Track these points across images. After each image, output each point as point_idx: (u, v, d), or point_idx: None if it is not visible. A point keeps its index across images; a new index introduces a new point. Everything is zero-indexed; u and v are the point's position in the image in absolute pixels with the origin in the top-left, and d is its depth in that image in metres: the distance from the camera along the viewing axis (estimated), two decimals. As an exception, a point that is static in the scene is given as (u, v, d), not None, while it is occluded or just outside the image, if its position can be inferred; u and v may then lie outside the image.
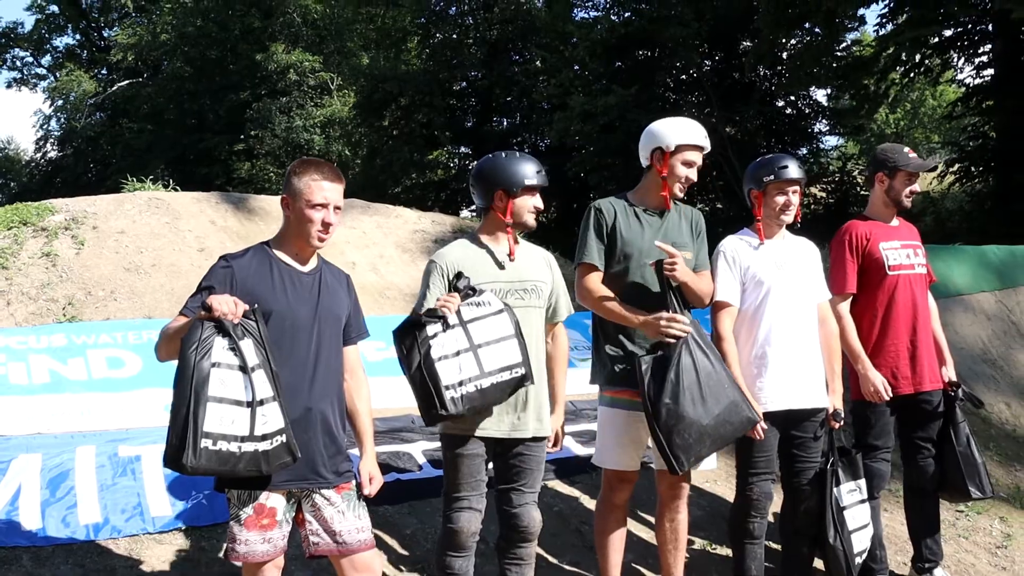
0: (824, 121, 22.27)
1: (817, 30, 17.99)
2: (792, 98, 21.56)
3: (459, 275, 3.70)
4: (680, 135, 4.05)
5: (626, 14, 21.29)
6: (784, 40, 18.59)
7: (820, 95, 29.95)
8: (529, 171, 3.80)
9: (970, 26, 17.19)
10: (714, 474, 5.35)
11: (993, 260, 8.93)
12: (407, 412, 5.27)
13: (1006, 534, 5.60)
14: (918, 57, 17.13)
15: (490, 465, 3.81)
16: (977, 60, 18.41)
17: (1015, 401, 7.47)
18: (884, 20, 17.17)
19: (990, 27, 16.88)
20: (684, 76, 21.68)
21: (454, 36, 26.23)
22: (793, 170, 4.26)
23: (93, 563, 4.00)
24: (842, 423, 4.31)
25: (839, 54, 19.23)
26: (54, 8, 38.77)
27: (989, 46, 17.70)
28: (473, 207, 21.82)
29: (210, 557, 4.18)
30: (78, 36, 41.24)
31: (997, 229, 14.77)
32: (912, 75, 18.21)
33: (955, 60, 18.65)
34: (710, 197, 22.08)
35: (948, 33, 16.98)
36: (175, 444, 2.76)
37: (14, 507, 4.20)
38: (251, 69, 30.71)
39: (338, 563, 3.30)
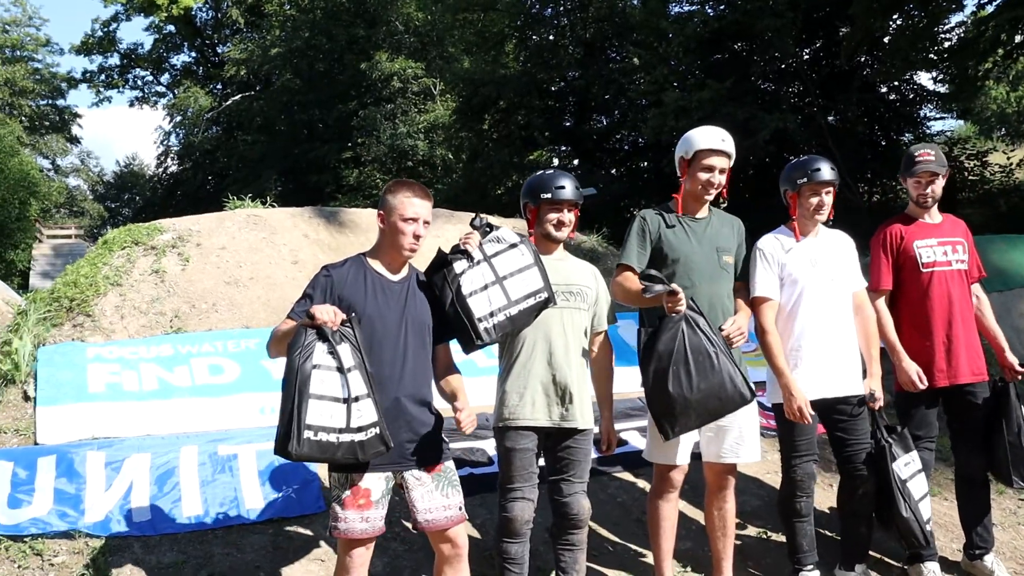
0: (929, 106, 21.78)
1: (915, 13, 17.61)
2: (895, 84, 21.14)
3: (476, 215, 4.07)
4: (697, 142, 4.33)
5: (720, 7, 21.22)
6: (881, 25, 18.24)
7: (925, 79, 29.07)
8: (548, 186, 4.13)
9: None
10: (771, 466, 5.55)
11: (1066, 248, 8.82)
12: (480, 411, 5.61)
13: (1067, 522, 5.64)
14: (1018, 38, 16.61)
15: (541, 461, 4.15)
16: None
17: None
18: (982, 2, 16.73)
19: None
20: (781, 67, 21.46)
21: (550, 37, 26.44)
22: (826, 172, 4.50)
23: (194, 550, 4.47)
24: (881, 403, 4.48)
25: (944, 36, 18.82)
26: (171, 28, 40.55)
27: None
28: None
29: (297, 545, 4.60)
30: (194, 54, 43.21)
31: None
32: (1014, 56, 17.66)
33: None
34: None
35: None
36: (282, 435, 3.27)
37: (127, 501, 4.72)
38: (357, 78, 31.65)
39: (431, 536, 3.73)
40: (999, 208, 19.52)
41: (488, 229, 3.98)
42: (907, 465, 4.50)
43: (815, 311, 4.45)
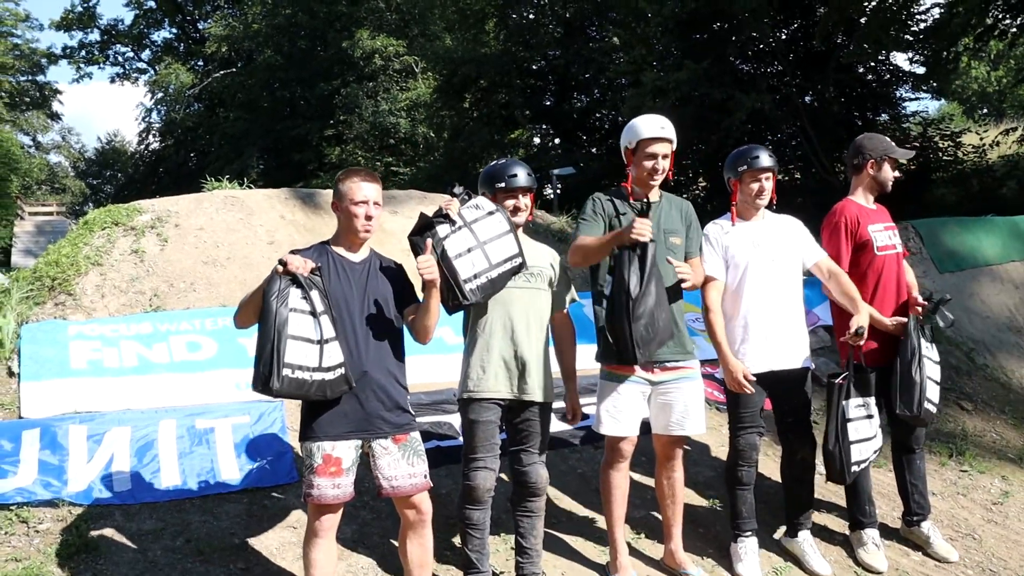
0: (905, 87, 21.99)
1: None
2: (871, 64, 21.34)
3: (454, 184, 4.35)
4: (640, 130, 4.55)
5: (698, -13, 21.37)
6: (856, 6, 18.43)
7: (901, 59, 29.17)
8: (502, 175, 4.41)
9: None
10: (725, 438, 5.81)
11: (1025, 230, 9.12)
12: (449, 386, 5.88)
13: (1004, 491, 5.97)
14: (989, 20, 16.85)
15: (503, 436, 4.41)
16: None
17: (1035, 366, 7.74)
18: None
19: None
20: (758, 47, 21.62)
21: (530, 16, 26.66)
22: (764, 159, 4.78)
23: (172, 518, 4.70)
24: (863, 341, 4.72)
25: (919, 17, 19.03)
26: (151, 3, 40.40)
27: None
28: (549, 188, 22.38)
29: (272, 512, 4.84)
30: (175, 30, 43.01)
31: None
32: (985, 39, 17.91)
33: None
34: (789, 168, 22.13)
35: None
36: (264, 372, 3.55)
37: (108, 471, 4.93)
38: (339, 56, 31.74)
39: (396, 502, 4.00)
40: (972, 188, 19.84)
41: (467, 197, 4.25)
42: (857, 407, 4.73)
43: (759, 290, 4.72)
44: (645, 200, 4.36)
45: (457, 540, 4.57)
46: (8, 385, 5.62)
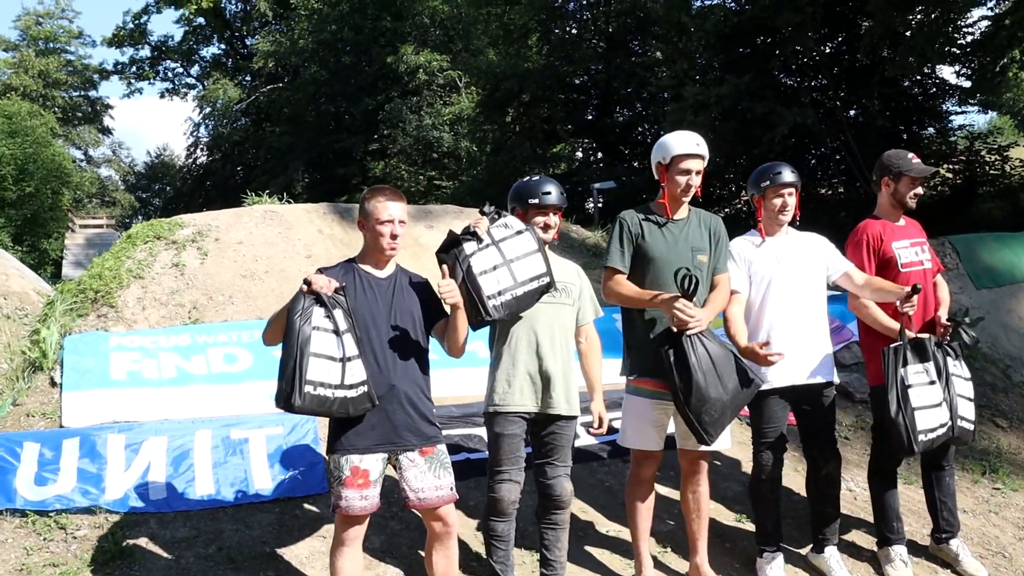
0: (952, 100, 21.75)
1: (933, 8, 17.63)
2: (917, 77, 21.14)
3: (486, 202, 4.40)
4: (673, 147, 4.56)
5: (741, 2, 21.31)
6: (900, 20, 18.28)
7: (947, 72, 28.73)
8: (536, 192, 4.46)
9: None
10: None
11: (1064, 247, 8.99)
12: (479, 400, 5.92)
13: (1037, 511, 5.89)
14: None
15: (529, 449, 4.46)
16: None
17: (1074, 384, 7.64)
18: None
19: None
20: (802, 61, 21.51)
21: (573, 31, 26.76)
22: (787, 175, 4.81)
23: (206, 526, 4.81)
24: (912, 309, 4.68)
25: (966, 30, 18.83)
26: (200, 20, 41.08)
27: None
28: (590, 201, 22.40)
29: (303, 522, 4.93)
30: (223, 46, 43.68)
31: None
32: (1033, 52, 17.64)
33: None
34: (833, 182, 21.96)
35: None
36: (286, 389, 3.63)
37: (144, 480, 5.07)
38: (383, 71, 32.01)
39: (423, 513, 4.06)
40: (1019, 203, 19.53)
41: (496, 216, 4.32)
42: (917, 374, 4.63)
43: (783, 305, 4.73)
44: (686, 275, 4.29)
45: (483, 551, 4.61)
46: (50, 395, 5.79)
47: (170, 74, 45.18)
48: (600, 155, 27.34)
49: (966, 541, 5.25)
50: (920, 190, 5.14)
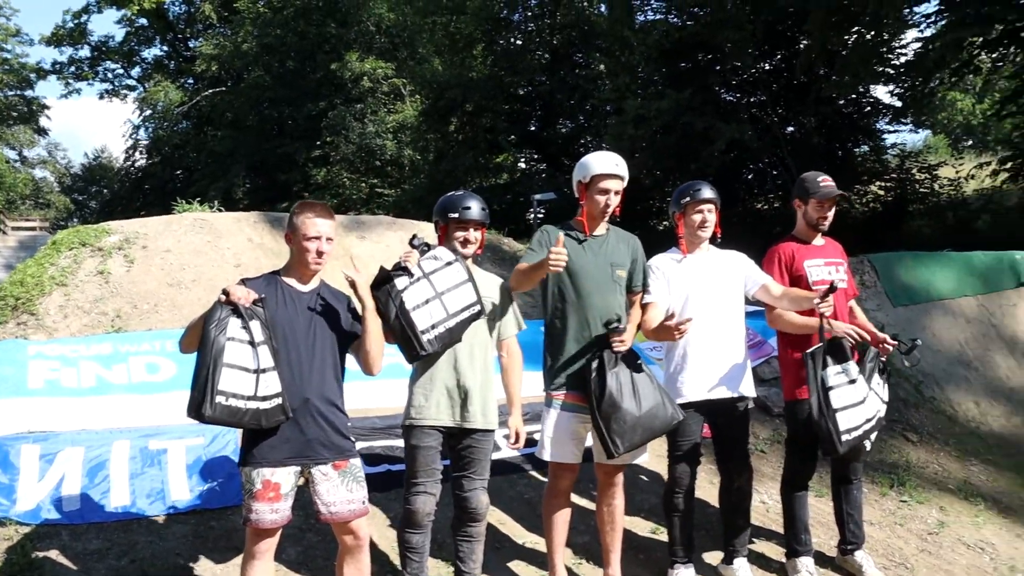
0: (885, 119, 22.23)
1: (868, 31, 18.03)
2: (852, 96, 21.58)
3: (414, 236, 4.45)
4: (593, 167, 4.64)
5: (683, 18, 21.58)
6: (836, 40, 18.66)
7: (881, 92, 29.36)
8: (457, 206, 4.50)
9: (1020, 24, 17.06)
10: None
11: (979, 266, 9.32)
12: (402, 411, 5.97)
13: (940, 522, 6.08)
14: (965, 56, 17.10)
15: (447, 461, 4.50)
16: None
17: (984, 400, 7.89)
18: (928, 22, 17.22)
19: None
20: (742, 77, 21.83)
21: (518, 42, 26.83)
22: (706, 192, 4.93)
23: (119, 538, 4.77)
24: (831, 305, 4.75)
25: (900, 51, 19.27)
26: (142, 21, 40.50)
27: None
28: (530, 213, 22.49)
29: (218, 533, 4.91)
30: (165, 48, 43.05)
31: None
32: (960, 74, 18.15)
33: (1012, 56, 18.50)
34: (769, 197, 22.29)
35: (997, 31, 16.85)
36: (197, 398, 3.63)
37: (57, 491, 5.01)
38: (327, 77, 31.83)
39: (334, 527, 4.06)
40: (947, 221, 20.01)
41: (426, 248, 4.37)
42: (837, 375, 4.72)
43: (700, 320, 4.81)
44: (615, 327, 4.46)
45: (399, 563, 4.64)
46: (-35, 403, 5.68)
47: (110, 75, 44.40)
48: (543, 166, 27.46)
49: (871, 552, 5.40)
50: (831, 213, 5.26)
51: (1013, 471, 7.18)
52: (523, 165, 28.49)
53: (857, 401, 4.73)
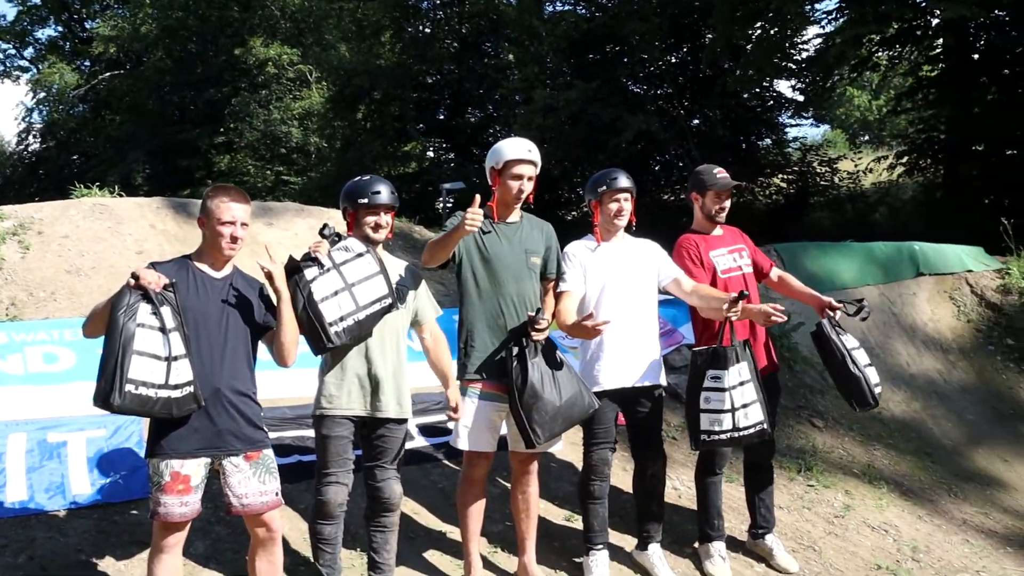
0: (787, 113, 22.76)
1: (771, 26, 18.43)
2: (756, 90, 22.03)
3: (325, 225, 4.36)
4: (506, 152, 4.64)
5: (591, 9, 21.72)
6: (741, 34, 19.02)
7: (784, 86, 30.05)
8: (365, 191, 4.41)
9: (918, 21, 17.65)
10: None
11: (880, 256, 9.64)
12: (313, 401, 5.87)
13: (846, 505, 6.26)
14: (864, 53, 17.61)
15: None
16: (929, 55, 18.93)
17: (886, 387, 8.01)
18: (829, 18, 17.71)
19: (933, 22, 17.36)
20: (648, 70, 22.08)
21: (427, 30, 26.64)
22: (623, 180, 4.93)
23: (16, 535, 4.57)
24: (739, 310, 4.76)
25: (801, 47, 19.73)
26: (36, 0, 38.98)
27: (940, 39, 18.21)
28: (440, 200, 22.39)
29: (122, 528, 4.74)
30: (60, 28, 41.39)
31: (947, 219, 15.38)
32: (860, 70, 18.69)
33: (908, 54, 19.14)
34: (676, 188, 22.61)
35: (894, 29, 17.40)
36: (105, 387, 3.48)
37: (-52, 488, 4.79)
38: (230, 62, 31.15)
39: (247, 520, 3.96)
40: (847, 213, 20.61)
41: (337, 238, 4.27)
42: (712, 379, 4.78)
43: (615, 309, 4.83)
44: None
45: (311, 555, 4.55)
46: None
47: (1, 55, 42.70)
48: (451, 155, 27.35)
49: (780, 536, 5.52)
50: (727, 203, 5.33)
51: (913, 455, 7.45)
52: (431, 154, 28.31)
53: (723, 409, 4.77)
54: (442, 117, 27.11)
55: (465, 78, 25.44)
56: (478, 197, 4.32)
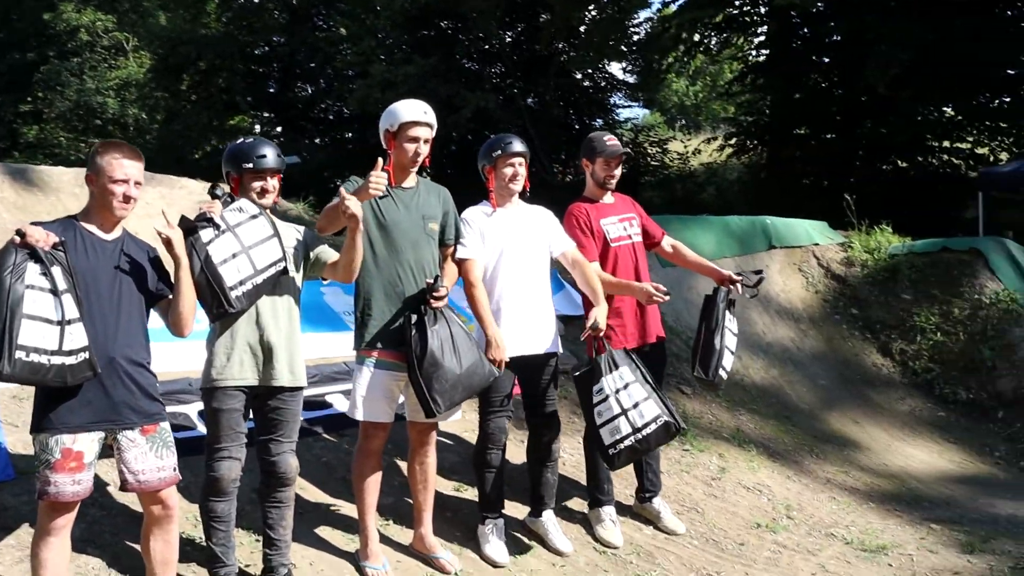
0: (619, 95, 23.35)
1: (608, 6, 18.80)
2: (590, 72, 22.44)
3: (215, 185, 4.14)
4: (402, 114, 4.53)
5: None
6: (577, 15, 19.29)
7: (616, 69, 30.77)
8: (250, 155, 4.16)
9: (747, 8, 18.41)
10: (470, 424, 5.90)
11: (735, 229, 10.03)
12: (185, 375, 5.58)
13: (721, 468, 6.50)
14: (697, 37, 18.21)
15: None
16: (756, 40, 19.84)
17: (745, 355, 8.48)
18: (665, 1, 18.23)
19: (762, 10, 18.16)
20: (485, 47, 22.11)
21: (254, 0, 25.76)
22: (517, 145, 4.92)
23: None
24: (603, 331, 4.89)
25: (633, 30, 20.22)
26: None
27: (765, 27, 19.08)
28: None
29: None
30: None
31: (770, 199, 16.12)
32: (692, 53, 19.34)
33: (735, 39, 19.97)
34: (511, 165, 22.72)
35: (725, 15, 18.09)
36: None
37: None
38: (38, 27, 29.19)
39: (141, 497, 3.72)
40: (676, 192, 21.34)
41: (229, 199, 4.03)
42: (597, 392, 4.84)
43: (512, 275, 4.83)
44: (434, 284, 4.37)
45: (199, 535, 4.31)
46: None
47: None
48: (281, 129, 26.60)
49: (665, 499, 5.64)
50: (618, 171, 5.39)
51: (775, 419, 7.79)
52: (259, 128, 27.45)
53: (615, 414, 4.81)
54: (272, 90, 26.27)
55: (296, 51, 24.76)
56: (380, 160, 4.19)
